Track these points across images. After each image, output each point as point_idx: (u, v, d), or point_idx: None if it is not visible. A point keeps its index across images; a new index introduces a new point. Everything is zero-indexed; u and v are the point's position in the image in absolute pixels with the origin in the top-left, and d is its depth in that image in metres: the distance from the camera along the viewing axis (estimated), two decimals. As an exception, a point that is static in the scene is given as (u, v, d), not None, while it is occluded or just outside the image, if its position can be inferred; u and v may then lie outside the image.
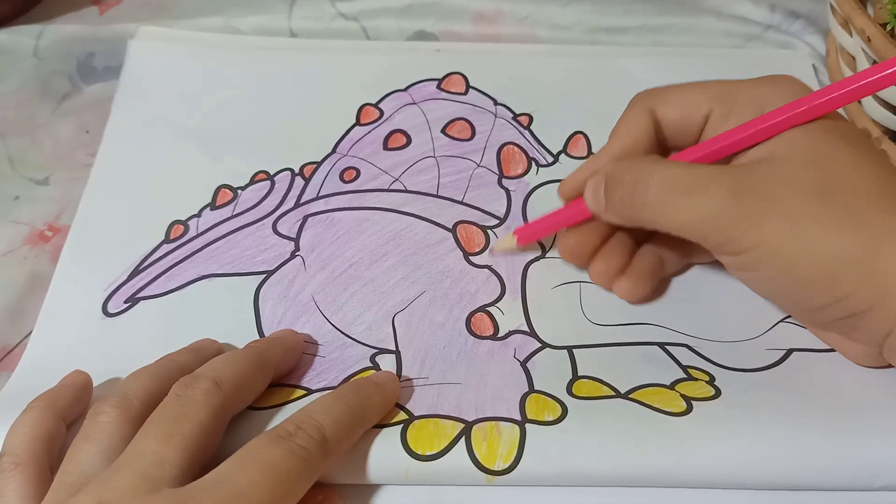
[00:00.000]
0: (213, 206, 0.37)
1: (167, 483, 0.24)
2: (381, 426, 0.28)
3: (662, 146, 0.32)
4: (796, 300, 0.29)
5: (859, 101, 0.39)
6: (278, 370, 0.30)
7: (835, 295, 0.27)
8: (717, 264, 0.34)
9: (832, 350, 0.31)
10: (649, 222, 0.29)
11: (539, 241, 0.35)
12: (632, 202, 0.29)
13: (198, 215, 0.37)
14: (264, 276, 0.34)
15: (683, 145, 0.31)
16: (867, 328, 0.27)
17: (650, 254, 0.33)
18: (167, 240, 0.36)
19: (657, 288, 0.34)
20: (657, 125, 0.31)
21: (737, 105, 0.29)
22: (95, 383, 0.30)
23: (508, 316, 0.33)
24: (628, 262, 0.33)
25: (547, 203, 0.37)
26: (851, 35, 0.38)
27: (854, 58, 0.39)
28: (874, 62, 0.36)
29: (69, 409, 0.28)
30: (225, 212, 0.37)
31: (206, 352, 0.30)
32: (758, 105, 0.29)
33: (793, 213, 0.26)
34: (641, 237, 0.33)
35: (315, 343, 0.32)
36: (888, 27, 0.35)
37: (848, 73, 0.40)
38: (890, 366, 0.29)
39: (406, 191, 0.37)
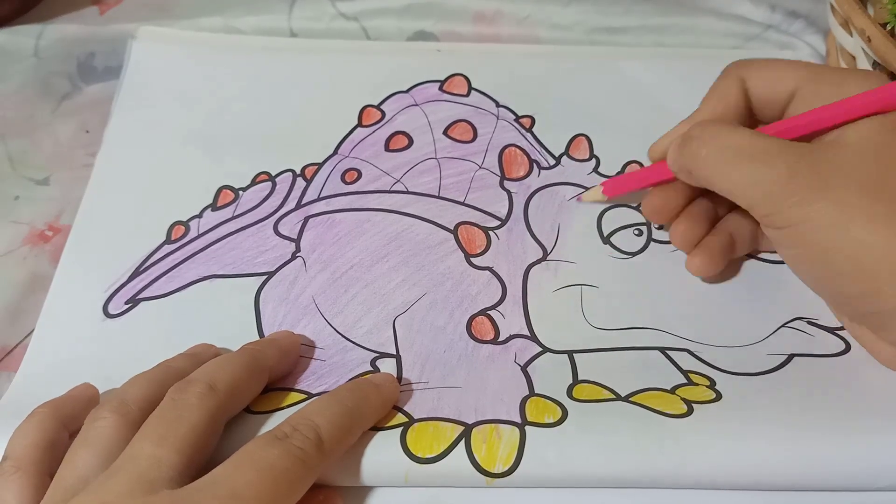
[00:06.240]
0: (214, 206, 0.37)
1: (165, 485, 0.24)
2: (381, 429, 0.28)
3: (751, 117, 0.32)
4: (827, 285, 0.29)
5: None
6: (275, 372, 0.30)
7: (864, 288, 0.27)
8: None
9: (833, 355, 0.31)
10: (706, 179, 0.30)
11: (541, 243, 0.35)
12: (695, 157, 0.30)
13: (199, 216, 0.37)
14: (265, 277, 0.34)
15: (769, 119, 0.32)
16: (894, 328, 0.28)
17: (723, 233, 0.34)
18: (168, 240, 0.36)
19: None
20: (746, 96, 0.32)
21: (823, 89, 0.30)
22: (96, 384, 0.30)
23: (509, 320, 0.33)
24: (707, 232, 0.34)
25: (549, 205, 0.37)
26: (851, 35, 0.38)
27: (854, 58, 0.39)
28: (874, 62, 0.36)
29: (73, 418, 0.28)
30: (226, 212, 0.37)
31: (203, 357, 0.30)
32: (844, 92, 0.29)
33: (842, 201, 0.27)
34: (721, 212, 0.34)
35: (315, 346, 0.32)
36: (888, 27, 0.35)
37: (849, 73, 0.40)
38: None
39: (407, 192, 0.37)
